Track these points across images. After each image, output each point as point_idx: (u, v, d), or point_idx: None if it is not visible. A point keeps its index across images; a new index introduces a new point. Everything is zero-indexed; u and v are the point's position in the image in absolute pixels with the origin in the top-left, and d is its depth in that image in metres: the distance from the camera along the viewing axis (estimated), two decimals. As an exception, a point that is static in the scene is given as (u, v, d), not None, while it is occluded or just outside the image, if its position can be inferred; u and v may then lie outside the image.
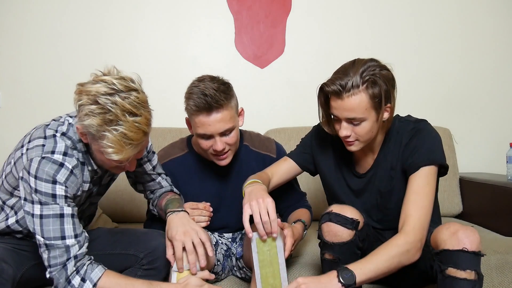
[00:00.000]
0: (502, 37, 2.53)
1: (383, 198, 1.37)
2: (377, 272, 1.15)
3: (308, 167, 1.53)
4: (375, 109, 1.23)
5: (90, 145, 1.18)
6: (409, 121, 1.36)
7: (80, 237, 1.17)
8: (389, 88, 1.24)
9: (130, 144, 1.09)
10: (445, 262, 1.14)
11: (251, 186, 1.31)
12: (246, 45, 2.43)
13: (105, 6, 2.35)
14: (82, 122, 1.09)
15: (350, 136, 1.28)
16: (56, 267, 1.14)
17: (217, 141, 1.39)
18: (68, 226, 1.15)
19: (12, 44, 2.31)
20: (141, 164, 1.45)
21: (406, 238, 1.19)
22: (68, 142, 1.19)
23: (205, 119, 1.36)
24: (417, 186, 1.25)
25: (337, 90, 1.22)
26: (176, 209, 1.34)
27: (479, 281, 1.13)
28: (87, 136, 1.15)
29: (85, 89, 1.09)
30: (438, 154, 1.29)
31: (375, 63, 1.25)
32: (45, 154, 1.14)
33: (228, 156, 1.46)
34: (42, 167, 1.12)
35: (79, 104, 1.10)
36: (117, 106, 1.07)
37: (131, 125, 1.08)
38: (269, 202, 1.22)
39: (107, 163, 1.19)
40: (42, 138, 1.18)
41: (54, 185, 1.12)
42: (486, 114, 2.53)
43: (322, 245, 1.32)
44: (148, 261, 1.35)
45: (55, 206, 1.13)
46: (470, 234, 1.14)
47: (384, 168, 1.36)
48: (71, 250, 1.14)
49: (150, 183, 1.50)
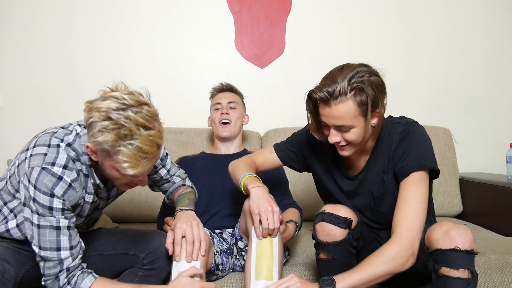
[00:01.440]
0: (502, 37, 2.53)
1: (376, 202, 1.37)
2: (361, 281, 1.18)
3: (292, 164, 1.55)
4: (363, 116, 1.22)
5: (101, 163, 1.16)
6: (401, 123, 1.35)
7: (75, 249, 1.19)
8: (377, 94, 1.22)
9: (146, 158, 1.09)
10: (439, 262, 1.15)
11: (255, 188, 1.34)
12: (246, 45, 2.43)
13: (104, 7, 2.35)
14: (96, 139, 1.08)
15: (340, 142, 1.27)
16: (50, 277, 1.18)
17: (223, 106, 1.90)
18: (64, 238, 1.16)
19: (12, 45, 2.31)
20: (157, 171, 1.48)
21: (392, 246, 1.20)
22: (72, 154, 1.19)
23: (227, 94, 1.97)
24: (407, 193, 1.25)
25: (325, 98, 1.21)
26: (184, 207, 1.39)
27: (473, 280, 1.13)
28: (99, 154, 1.13)
29: (95, 106, 1.08)
30: (428, 159, 1.28)
31: (365, 68, 1.23)
32: (45, 164, 1.14)
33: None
34: (42, 178, 1.13)
35: (90, 121, 1.09)
36: (131, 120, 1.06)
37: (145, 139, 1.08)
38: (277, 212, 1.30)
39: (120, 180, 1.18)
40: (46, 146, 1.17)
41: (52, 198, 1.13)
42: (486, 114, 2.53)
43: (316, 245, 1.34)
44: (149, 261, 1.35)
45: (52, 218, 1.15)
46: (462, 233, 1.14)
47: (375, 170, 1.36)
48: (64, 262, 1.17)
49: (165, 185, 1.55)
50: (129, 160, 1.07)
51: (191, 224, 1.31)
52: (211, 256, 1.42)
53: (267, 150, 1.60)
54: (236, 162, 1.54)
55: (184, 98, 2.38)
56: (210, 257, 1.41)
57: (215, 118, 1.88)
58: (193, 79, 2.40)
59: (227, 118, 1.86)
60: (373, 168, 1.36)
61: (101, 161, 1.16)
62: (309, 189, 2.13)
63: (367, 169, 1.37)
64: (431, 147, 1.31)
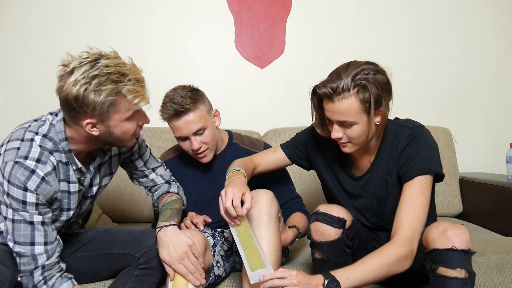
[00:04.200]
0: (502, 37, 2.53)
1: (379, 204, 1.37)
2: (363, 281, 1.17)
3: (299, 162, 1.55)
4: (366, 113, 1.22)
5: (105, 130, 1.17)
6: (407, 127, 1.34)
7: (50, 246, 1.18)
8: (381, 92, 1.22)
9: (142, 86, 1.17)
10: (436, 262, 1.15)
11: (231, 178, 1.34)
12: (246, 45, 2.43)
13: (105, 7, 2.35)
14: (95, 101, 1.09)
15: (342, 138, 1.28)
16: (25, 273, 1.17)
17: (193, 141, 1.53)
18: (38, 233, 1.16)
19: (12, 44, 2.31)
20: (132, 161, 1.47)
21: (396, 248, 1.20)
22: (49, 145, 1.19)
23: (177, 123, 1.52)
24: (411, 195, 1.26)
25: (328, 93, 1.22)
26: (164, 223, 1.34)
27: (471, 279, 1.13)
28: (100, 121, 1.15)
29: (68, 84, 1.10)
30: (434, 163, 1.28)
31: (371, 66, 1.23)
32: (18, 158, 1.14)
33: (207, 154, 1.58)
34: (15, 172, 1.12)
35: (75, 96, 1.10)
36: (110, 66, 1.11)
37: (134, 70, 1.16)
38: (236, 191, 1.25)
39: (130, 130, 1.21)
40: (20, 141, 1.17)
41: (25, 192, 1.13)
42: (486, 114, 2.53)
43: (311, 244, 1.35)
44: (145, 261, 1.34)
45: (25, 213, 1.14)
46: (459, 233, 1.14)
47: (380, 172, 1.36)
48: (38, 259, 1.16)
49: (143, 179, 1.52)
50: (135, 93, 1.14)
51: (184, 256, 1.27)
52: (208, 255, 1.42)
53: (270, 150, 1.60)
54: (234, 161, 1.50)
55: (184, 98, 2.38)
56: (207, 256, 1.41)
57: (185, 148, 1.57)
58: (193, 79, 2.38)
59: (202, 152, 1.55)
60: (378, 169, 1.36)
61: (104, 128, 1.17)
62: (309, 190, 2.13)
63: (371, 170, 1.37)
64: (437, 151, 1.31)
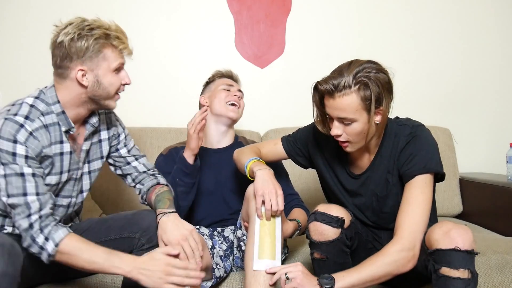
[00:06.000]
0: (502, 37, 2.53)
1: (379, 203, 1.38)
2: (361, 281, 1.19)
3: (297, 158, 1.55)
4: (366, 111, 1.23)
5: (94, 78, 1.29)
6: (407, 125, 1.35)
7: (42, 196, 1.22)
8: (382, 91, 1.23)
9: (126, 38, 1.35)
10: (439, 262, 1.15)
11: (261, 171, 1.36)
12: (246, 45, 2.43)
13: (105, 6, 2.35)
14: (85, 45, 1.25)
15: (341, 136, 1.28)
16: (20, 223, 1.20)
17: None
18: (30, 184, 1.21)
19: (12, 44, 2.31)
20: (118, 149, 1.51)
21: (397, 248, 1.21)
22: (41, 106, 1.28)
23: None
24: (411, 195, 1.26)
25: (330, 90, 1.23)
26: (166, 210, 1.37)
27: (474, 280, 1.13)
28: (89, 73, 1.28)
29: (63, 32, 1.27)
30: (434, 162, 1.29)
31: (373, 65, 1.24)
32: (8, 115, 1.22)
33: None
34: (5, 127, 1.20)
35: (68, 42, 1.25)
36: (96, 21, 1.32)
37: (115, 25, 1.35)
38: (280, 195, 1.32)
39: (115, 81, 1.33)
40: (10, 105, 1.27)
41: (15, 144, 1.20)
42: (486, 114, 2.53)
43: (310, 244, 1.35)
44: (146, 240, 1.36)
45: (15, 166, 1.19)
46: (462, 233, 1.15)
47: (380, 171, 1.36)
48: (31, 206, 1.20)
49: (126, 167, 1.53)
50: (121, 41, 1.32)
51: (185, 237, 1.30)
52: (206, 255, 1.43)
53: (272, 141, 1.62)
54: (241, 149, 1.56)
55: (184, 98, 2.38)
56: (205, 256, 1.41)
57: (222, 97, 1.73)
58: (193, 79, 2.39)
59: (237, 102, 1.74)
60: (378, 168, 1.37)
61: (93, 77, 1.29)
62: (309, 189, 2.13)
63: (371, 169, 1.38)
64: (437, 150, 1.32)
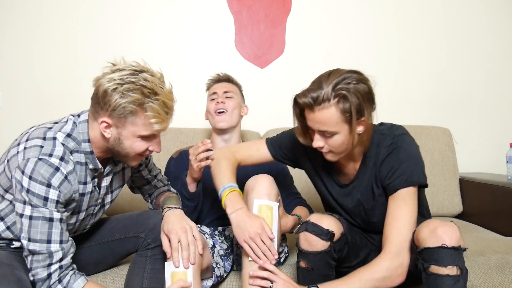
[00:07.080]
0: (502, 37, 2.53)
1: (368, 214, 1.38)
2: None
3: (285, 162, 1.54)
4: (347, 123, 1.21)
5: (117, 136, 1.18)
6: (388, 135, 1.32)
7: (65, 244, 1.17)
8: (363, 102, 1.20)
9: (168, 113, 1.19)
10: (427, 260, 1.15)
11: (233, 214, 1.30)
12: (246, 45, 2.43)
13: (104, 6, 2.35)
14: (117, 104, 1.12)
15: (323, 147, 1.27)
16: (37, 271, 1.14)
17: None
18: (56, 231, 1.15)
19: (12, 44, 2.31)
20: (139, 170, 1.49)
21: (385, 263, 1.21)
22: (71, 144, 1.19)
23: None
24: (395, 208, 1.26)
25: (309, 103, 1.21)
26: (173, 205, 1.37)
27: (463, 276, 1.13)
28: (115, 126, 1.17)
29: (107, 78, 1.14)
30: (416, 175, 1.27)
31: (353, 75, 1.21)
32: (42, 155, 1.13)
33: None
34: (38, 168, 1.11)
35: (104, 90, 1.13)
36: (149, 81, 1.14)
37: (167, 95, 1.18)
38: (263, 234, 1.26)
39: (138, 147, 1.21)
40: (41, 139, 1.17)
41: (49, 189, 1.12)
42: (486, 114, 2.53)
43: (298, 253, 1.35)
44: (152, 239, 1.34)
45: (45, 210, 1.12)
46: (448, 230, 1.15)
47: (365, 181, 1.36)
48: (54, 255, 1.15)
49: (146, 187, 1.54)
50: (157, 115, 1.15)
51: (185, 229, 1.29)
52: (206, 255, 1.43)
53: (253, 145, 1.56)
54: (217, 161, 1.46)
55: (184, 98, 2.37)
56: (206, 256, 1.41)
57: (211, 109, 1.78)
58: (193, 79, 2.40)
59: (222, 108, 1.75)
60: (363, 178, 1.36)
61: (117, 134, 1.18)
62: (309, 189, 2.12)
63: (357, 179, 1.38)
64: (419, 160, 1.30)
